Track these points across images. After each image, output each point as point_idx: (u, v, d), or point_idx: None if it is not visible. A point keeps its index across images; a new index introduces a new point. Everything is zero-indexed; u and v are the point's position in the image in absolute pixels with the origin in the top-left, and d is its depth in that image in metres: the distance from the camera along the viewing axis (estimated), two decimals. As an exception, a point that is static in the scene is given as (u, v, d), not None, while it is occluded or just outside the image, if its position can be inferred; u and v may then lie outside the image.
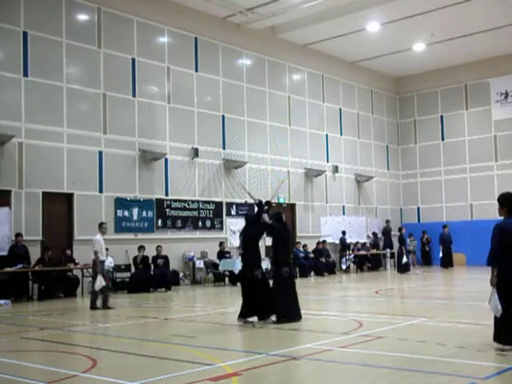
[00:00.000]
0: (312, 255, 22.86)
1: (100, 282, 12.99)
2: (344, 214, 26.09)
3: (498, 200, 7.50)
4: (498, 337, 7.08)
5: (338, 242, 24.87)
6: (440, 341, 7.76)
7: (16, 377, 6.40)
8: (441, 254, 25.04)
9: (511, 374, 6.00)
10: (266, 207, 10.85)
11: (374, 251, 25.59)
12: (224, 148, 21.25)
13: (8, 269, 14.90)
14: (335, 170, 25.79)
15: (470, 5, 20.87)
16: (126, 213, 18.18)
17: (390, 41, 24.41)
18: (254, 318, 10.00)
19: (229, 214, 21.03)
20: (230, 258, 19.40)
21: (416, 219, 29.05)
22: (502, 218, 7.44)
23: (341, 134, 26.51)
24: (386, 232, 26.22)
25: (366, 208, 27.40)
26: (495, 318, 7.07)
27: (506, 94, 26.71)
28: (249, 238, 10.38)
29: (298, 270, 22.02)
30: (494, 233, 7.15)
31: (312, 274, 22.37)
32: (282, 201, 23.30)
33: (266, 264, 19.77)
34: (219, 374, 6.23)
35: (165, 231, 19.23)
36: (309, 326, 9.88)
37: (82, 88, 17.59)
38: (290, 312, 10.12)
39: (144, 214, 18.63)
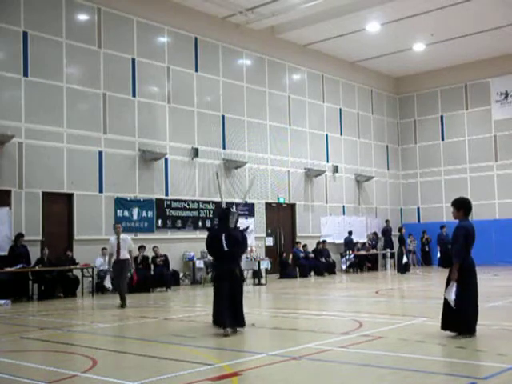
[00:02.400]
0: (312, 255, 22.86)
1: (107, 281, 13.34)
2: (344, 214, 26.09)
3: (454, 204, 8.26)
4: (449, 325, 7.90)
5: (337, 241, 24.87)
6: (440, 341, 7.76)
7: (16, 377, 6.39)
8: (439, 254, 24.94)
9: (511, 374, 6.00)
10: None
11: (374, 251, 25.58)
12: (224, 148, 21.25)
13: (8, 269, 14.91)
14: (335, 170, 25.79)
15: (469, 5, 20.87)
16: (126, 213, 18.17)
17: (390, 41, 24.41)
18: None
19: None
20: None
21: (416, 219, 29.05)
22: (457, 220, 8.26)
23: (341, 134, 26.51)
24: (386, 232, 26.25)
25: (365, 208, 27.40)
26: (448, 308, 7.87)
27: (506, 94, 26.71)
28: (234, 238, 9.30)
29: (298, 269, 22.08)
30: (460, 233, 7.99)
31: (312, 273, 22.38)
32: (282, 201, 23.32)
33: (266, 264, 19.86)
34: (219, 373, 6.23)
35: (165, 231, 19.23)
36: (309, 326, 9.88)
37: (81, 88, 17.59)
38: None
39: (144, 214, 18.64)
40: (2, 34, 16.09)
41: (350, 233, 24.93)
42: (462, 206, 8.17)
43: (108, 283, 13.59)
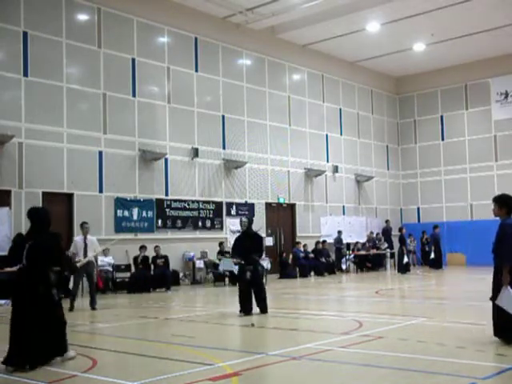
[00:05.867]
0: (312, 255, 22.83)
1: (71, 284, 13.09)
2: (344, 213, 26.09)
3: (496, 201, 7.62)
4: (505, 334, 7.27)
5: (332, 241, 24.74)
6: (440, 341, 7.75)
7: (16, 377, 6.40)
8: (433, 255, 24.91)
9: (511, 374, 6.00)
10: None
11: (374, 251, 25.58)
12: (224, 148, 21.25)
13: (8, 269, 14.87)
14: (335, 170, 25.79)
15: (469, 5, 20.87)
16: (126, 213, 18.17)
17: (390, 41, 24.41)
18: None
19: (229, 213, 21.03)
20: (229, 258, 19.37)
21: (416, 219, 29.05)
22: (498, 218, 7.57)
23: (341, 134, 26.52)
24: (386, 232, 26.24)
25: (365, 208, 27.41)
26: (500, 315, 7.19)
27: (506, 94, 26.71)
28: (40, 249, 7.29)
29: (298, 269, 22.07)
30: (509, 231, 7.25)
31: (312, 273, 22.36)
32: (282, 201, 23.32)
33: (266, 264, 19.84)
34: (219, 373, 6.23)
35: (165, 231, 19.23)
36: (309, 325, 9.89)
37: (81, 88, 17.59)
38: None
39: (144, 214, 18.64)
40: (2, 34, 16.09)
41: (340, 232, 24.76)
42: (504, 204, 7.53)
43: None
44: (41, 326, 6.92)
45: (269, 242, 22.69)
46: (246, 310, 11.15)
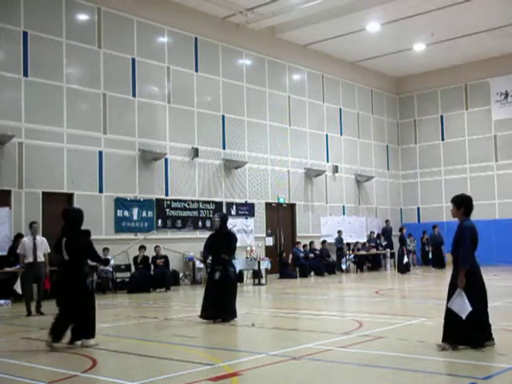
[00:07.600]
0: (312, 255, 22.83)
1: (17, 286, 12.54)
2: (344, 213, 26.09)
3: (454, 201, 7.52)
4: (451, 336, 7.19)
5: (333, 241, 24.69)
6: (440, 341, 7.74)
7: (16, 377, 6.40)
8: (430, 255, 24.90)
9: (511, 374, 6.00)
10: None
11: (374, 251, 25.58)
12: (224, 148, 21.25)
13: (8, 269, 14.90)
14: (335, 170, 25.79)
15: (469, 5, 20.87)
16: (126, 213, 18.18)
17: (390, 41, 24.41)
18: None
19: (229, 214, 21.00)
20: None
21: (416, 219, 29.05)
22: (456, 219, 7.52)
23: (341, 134, 26.51)
24: (386, 232, 26.24)
25: (366, 208, 27.40)
26: (450, 318, 7.17)
27: (506, 94, 26.71)
28: (76, 245, 8.42)
29: (298, 269, 22.08)
30: (466, 233, 7.21)
31: (312, 273, 22.36)
32: (282, 201, 23.32)
33: (266, 264, 19.84)
34: (219, 373, 6.23)
35: (165, 231, 19.23)
36: (309, 326, 9.89)
37: (81, 88, 17.59)
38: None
39: (144, 214, 18.64)
40: (2, 34, 16.09)
41: (340, 232, 24.69)
42: (462, 204, 7.40)
43: (18, 288, 12.49)
44: (76, 309, 8.19)
45: (269, 241, 22.70)
46: (207, 315, 10.33)
